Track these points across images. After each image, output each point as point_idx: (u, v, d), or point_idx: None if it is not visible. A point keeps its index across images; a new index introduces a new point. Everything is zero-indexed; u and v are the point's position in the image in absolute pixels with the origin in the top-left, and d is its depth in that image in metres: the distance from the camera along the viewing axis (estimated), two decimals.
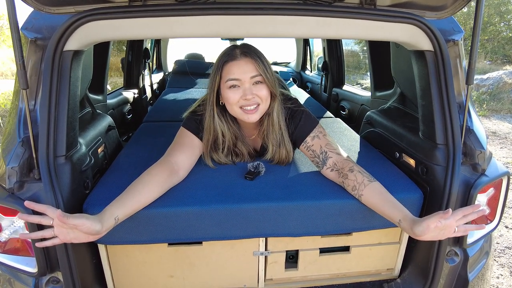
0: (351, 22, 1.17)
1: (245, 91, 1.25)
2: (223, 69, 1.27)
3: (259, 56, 1.28)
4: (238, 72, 1.24)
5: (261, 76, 1.26)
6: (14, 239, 1.11)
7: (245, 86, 1.26)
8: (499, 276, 2.28)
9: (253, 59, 1.25)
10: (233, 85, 1.26)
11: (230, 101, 1.27)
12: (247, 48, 1.28)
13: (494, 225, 1.33)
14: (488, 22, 12.16)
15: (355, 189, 1.20)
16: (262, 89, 1.27)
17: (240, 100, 1.26)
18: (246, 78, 1.25)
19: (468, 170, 1.25)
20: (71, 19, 1.06)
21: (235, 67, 1.25)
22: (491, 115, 6.51)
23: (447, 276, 1.31)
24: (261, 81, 1.27)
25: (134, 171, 1.35)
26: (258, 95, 1.27)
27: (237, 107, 1.28)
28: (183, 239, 1.19)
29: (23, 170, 1.08)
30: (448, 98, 1.23)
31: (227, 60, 1.27)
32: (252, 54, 1.27)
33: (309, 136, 1.37)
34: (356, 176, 1.20)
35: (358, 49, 8.84)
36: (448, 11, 1.22)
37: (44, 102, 1.08)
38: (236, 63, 1.25)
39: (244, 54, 1.26)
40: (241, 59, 1.26)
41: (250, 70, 1.25)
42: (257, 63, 1.25)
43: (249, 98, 1.25)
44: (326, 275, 1.42)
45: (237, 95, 1.26)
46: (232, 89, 1.26)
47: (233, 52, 1.27)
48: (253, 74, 1.25)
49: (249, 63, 1.25)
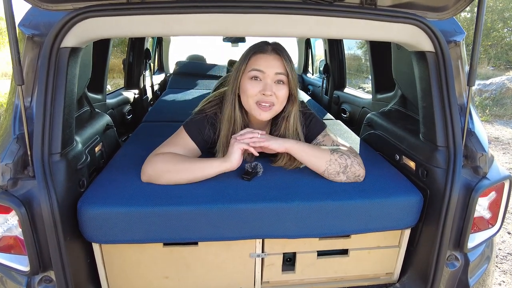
0: (352, 22, 1.15)
1: (266, 86, 1.24)
2: (250, 59, 1.27)
3: (288, 57, 1.28)
4: (265, 65, 1.24)
5: (286, 76, 1.26)
6: (7, 236, 1.10)
7: (267, 81, 1.25)
8: (501, 283, 2.25)
9: (282, 57, 1.26)
10: (255, 76, 1.25)
11: (248, 92, 1.26)
12: (278, 46, 1.29)
13: (495, 230, 1.31)
14: (492, 27, 12.15)
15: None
16: (282, 90, 1.26)
17: (258, 94, 1.25)
18: (271, 73, 1.24)
19: (469, 173, 1.23)
20: (68, 15, 1.05)
21: (262, 59, 1.25)
22: (494, 121, 6.48)
23: (447, 281, 1.29)
24: (283, 81, 1.26)
25: (131, 170, 1.34)
26: (276, 94, 1.25)
27: (253, 101, 1.26)
28: (178, 239, 1.18)
29: (17, 167, 1.06)
30: (449, 100, 1.21)
31: (256, 51, 1.27)
32: (283, 52, 1.27)
33: (320, 135, 1.40)
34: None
35: (361, 53, 8.85)
36: (449, 12, 1.21)
37: (40, 99, 1.07)
38: (265, 56, 1.25)
39: (275, 51, 1.26)
40: (271, 54, 1.26)
41: (277, 66, 1.24)
42: (285, 62, 1.25)
43: (267, 94, 1.23)
44: (323, 279, 1.39)
45: (256, 88, 1.25)
46: (253, 80, 1.25)
47: (264, 46, 1.28)
48: (279, 71, 1.24)
49: (277, 59, 1.25)
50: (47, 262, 1.10)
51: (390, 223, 1.25)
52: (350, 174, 1.26)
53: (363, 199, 1.21)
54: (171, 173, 1.21)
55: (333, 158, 1.25)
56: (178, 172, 1.21)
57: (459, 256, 1.28)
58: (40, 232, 1.07)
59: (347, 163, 1.25)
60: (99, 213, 1.12)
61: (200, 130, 1.34)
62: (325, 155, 1.26)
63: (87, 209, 1.12)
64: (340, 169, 1.25)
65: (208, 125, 1.36)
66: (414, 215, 1.26)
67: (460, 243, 1.25)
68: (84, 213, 1.12)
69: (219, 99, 1.40)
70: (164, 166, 1.21)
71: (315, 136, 1.40)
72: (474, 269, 1.31)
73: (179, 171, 1.21)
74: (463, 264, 1.28)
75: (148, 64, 3.43)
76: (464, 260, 1.28)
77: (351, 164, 1.26)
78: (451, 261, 1.28)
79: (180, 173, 1.21)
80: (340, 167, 1.25)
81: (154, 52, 4.18)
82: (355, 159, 1.27)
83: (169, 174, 1.21)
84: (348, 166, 1.25)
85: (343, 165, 1.25)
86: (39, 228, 1.06)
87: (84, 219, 1.12)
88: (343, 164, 1.25)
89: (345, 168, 1.25)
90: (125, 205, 1.14)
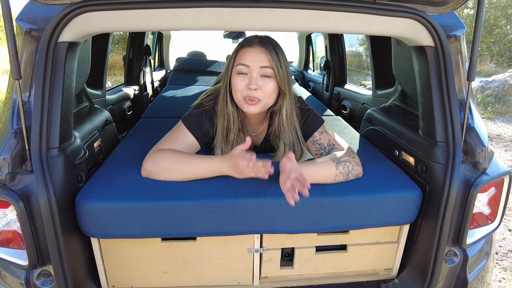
0: (351, 16, 1.15)
1: (251, 80, 1.23)
2: (237, 53, 1.27)
3: (276, 49, 1.25)
4: (249, 59, 1.23)
5: (272, 70, 1.23)
6: (6, 231, 1.10)
7: (253, 75, 1.23)
8: (501, 280, 2.25)
9: (267, 50, 1.23)
10: (241, 71, 1.24)
11: (235, 87, 1.26)
12: (266, 39, 1.27)
13: (495, 226, 1.30)
14: (495, 24, 12.07)
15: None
16: (269, 83, 1.24)
17: (245, 88, 1.24)
18: (256, 67, 1.22)
19: (469, 169, 1.22)
20: (65, 10, 1.05)
21: (248, 53, 1.23)
22: (496, 118, 6.45)
23: (446, 277, 1.29)
24: (269, 74, 1.24)
25: (130, 165, 1.34)
26: (262, 88, 1.24)
27: (241, 96, 1.26)
28: (176, 234, 1.18)
29: (15, 161, 1.06)
30: (448, 95, 1.21)
31: (243, 45, 1.26)
32: (269, 45, 1.24)
33: (317, 131, 1.38)
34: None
35: (363, 50, 8.81)
36: (449, 6, 1.19)
37: (37, 94, 1.07)
38: (250, 49, 1.24)
39: (261, 44, 1.24)
40: (256, 47, 1.24)
41: (262, 59, 1.22)
42: (271, 55, 1.22)
43: (252, 87, 1.22)
44: (322, 274, 1.39)
45: (243, 83, 1.24)
46: (240, 75, 1.24)
47: (251, 40, 1.26)
48: (264, 64, 1.22)
49: (262, 52, 1.23)
50: (46, 256, 1.10)
51: (389, 219, 1.24)
52: (352, 176, 1.26)
53: (362, 194, 1.21)
54: (170, 172, 1.21)
55: (338, 172, 1.23)
56: (177, 172, 1.21)
57: (458, 252, 1.28)
58: (38, 226, 1.07)
59: (349, 169, 1.25)
60: (97, 207, 1.12)
61: (199, 124, 1.34)
62: (331, 171, 1.22)
63: (85, 203, 1.12)
64: (344, 177, 1.25)
65: (207, 119, 1.35)
66: (413, 211, 1.26)
67: (459, 239, 1.25)
68: (82, 207, 1.12)
69: (216, 93, 1.39)
70: (164, 164, 1.21)
71: (313, 132, 1.39)
72: (472, 265, 1.31)
73: (178, 171, 1.21)
74: (461, 260, 1.28)
75: (148, 60, 3.43)
76: (462, 256, 1.28)
77: (352, 168, 1.25)
78: (450, 257, 1.28)
79: (179, 173, 1.21)
80: (344, 176, 1.24)
81: (154, 48, 4.17)
82: (354, 161, 1.26)
83: (169, 173, 1.21)
84: (350, 171, 1.25)
85: (346, 173, 1.24)
86: (37, 222, 1.07)
87: (82, 213, 1.12)
88: (346, 172, 1.24)
89: (347, 174, 1.25)
90: (124, 200, 1.14)
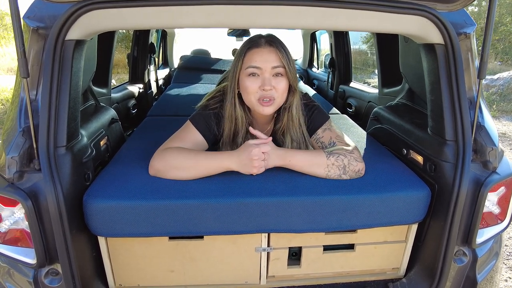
0: (359, 14, 1.13)
1: (264, 81, 1.22)
2: (245, 55, 1.24)
3: (284, 48, 1.25)
4: (260, 60, 1.21)
5: (283, 68, 1.23)
6: (14, 229, 1.10)
7: (265, 76, 1.22)
8: (507, 279, 2.23)
9: (277, 49, 1.22)
10: (252, 73, 1.23)
11: (248, 90, 1.24)
12: (272, 38, 1.26)
13: (504, 225, 1.29)
14: (500, 22, 11.95)
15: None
16: (281, 82, 1.24)
17: (259, 90, 1.23)
18: (267, 68, 1.22)
19: (478, 168, 1.21)
20: (73, 7, 1.04)
21: (257, 54, 1.22)
22: (501, 116, 6.40)
23: (455, 277, 1.27)
24: (281, 73, 1.24)
25: (136, 164, 1.34)
26: (276, 87, 1.23)
27: (255, 98, 1.24)
28: (184, 233, 1.17)
29: (23, 160, 1.06)
30: (458, 93, 1.19)
31: (250, 46, 1.24)
32: (277, 44, 1.24)
33: (320, 129, 1.37)
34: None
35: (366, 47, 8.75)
36: (459, 3, 1.17)
37: (45, 92, 1.06)
38: (259, 50, 1.22)
39: (269, 43, 1.23)
40: (265, 47, 1.23)
41: (273, 59, 1.22)
42: (281, 54, 1.22)
43: (267, 88, 1.21)
44: (329, 273, 1.39)
45: (255, 84, 1.23)
46: (251, 77, 1.23)
47: (258, 40, 1.25)
48: (275, 64, 1.22)
49: (272, 52, 1.22)
50: (54, 255, 1.10)
51: (397, 218, 1.23)
52: (351, 173, 1.25)
53: (370, 193, 1.20)
54: (178, 169, 1.21)
55: (329, 163, 1.23)
56: (185, 169, 1.21)
57: (467, 252, 1.27)
58: (46, 225, 1.07)
59: (344, 163, 1.23)
60: (104, 206, 1.12)
61: (207, 124, 1.33)
62: (320, 160, 1.23)
63: (93, 202, 1.12)
64: (339, 171, 1.23)
65: (214, 121, 1.35)
66: (421, 210, 1.25)
67: (469, 238, 1.24)
68: (90, 206, 1.12)
69: (221, 95, 1.38)
70: (172, 162, 1.21)
71: (317, 128, 1.37)
72: (482, 265, 1.30)
73: (186, 168, 1.21)
74: (471, 260, 1.27)
75: (153, 58, 3.42)
76: (472, 256, 1.27)
77: (349, 163, 1.24)
78: (459, 257, 1.27)
79: (187, 170, 1.21)
80: (339, 169, 1.23)
81: (158, 46, 4.16)
82: (351, 156, 1.25)
83: (177, 171, 1.21)
84: (346, 165, 1.23)
85: (341, 166, 1.23)
86: (45, 221, 1.07)
87: (89, 212, 1.12)
88: (341, 166, 1.23)
89: (344, 169, 1.24)
90: (131, 198, 1.13)
